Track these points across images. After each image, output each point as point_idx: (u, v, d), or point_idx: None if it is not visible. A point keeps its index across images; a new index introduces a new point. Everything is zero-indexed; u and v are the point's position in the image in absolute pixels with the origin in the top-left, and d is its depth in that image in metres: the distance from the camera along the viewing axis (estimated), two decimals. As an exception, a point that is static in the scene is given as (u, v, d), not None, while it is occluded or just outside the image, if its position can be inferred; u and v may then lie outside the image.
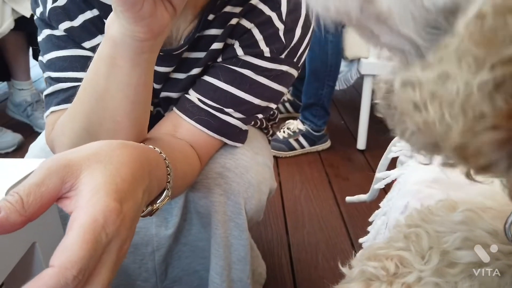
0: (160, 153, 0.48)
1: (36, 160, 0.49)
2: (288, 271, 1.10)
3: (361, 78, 1.75)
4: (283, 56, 0.64)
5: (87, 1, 0.61)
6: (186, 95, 0.64)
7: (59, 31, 0.61)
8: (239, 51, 0.63)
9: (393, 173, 0.64)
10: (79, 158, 0.35)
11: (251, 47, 0.62)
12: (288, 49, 0.63)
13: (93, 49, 0.60)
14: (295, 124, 1.79)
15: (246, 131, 0.69)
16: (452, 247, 0.34)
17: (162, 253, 0.71)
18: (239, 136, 0.67)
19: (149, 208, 0.45)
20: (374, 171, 0.85)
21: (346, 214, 1.33)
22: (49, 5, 0.60)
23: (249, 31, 0.62)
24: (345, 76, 1.88)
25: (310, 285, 1.06)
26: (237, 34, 0.63)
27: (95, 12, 0.61)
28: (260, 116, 0.69)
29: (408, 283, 0.34)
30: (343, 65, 1.86)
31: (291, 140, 1.75)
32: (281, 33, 0.62)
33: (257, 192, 0.67)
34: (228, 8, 0.62)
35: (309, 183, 1.54)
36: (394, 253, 0.36)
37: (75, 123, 0.56)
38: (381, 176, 0.68)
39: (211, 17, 0.63)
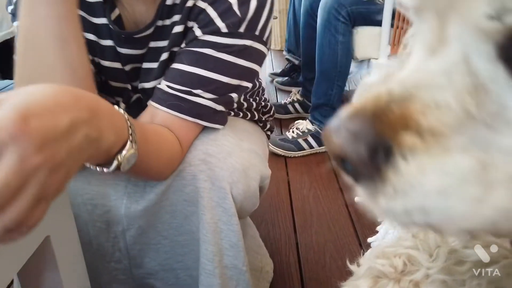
0: (119, 109, 0.50)
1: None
2: (296, 270, 1.11)
3: (371, 78, 1.75)
4: (241, 30, 0.64)
5: None
6: (158, 85, 0.65)
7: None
8: (198, 32, 0.64)
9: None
10: (6, 95, 0.35)
11: (208, 26, 0.63)
12: (246, 22, 0.63)
13: None
14: (304, 124, 1.79)
15: (223, 112, 0.69)
16: (460, 246, 0.34)
17: (132, 234, 0.70)
18: (215, 117, 0.67)
19: (115, 162, 0.47)
20: None
21: (354, 215, 1.33)
22: None
23: (204, 10, 0.63)
24: (355, 77, 1.87)
25: (317, 285, 1.06)
26: (194, 16, 0.64)
27: None
28: (234, 95, 0.68)
29: (415, 281, 0.35)
30: (353, 66, 1.86)
31: (300, 140, 1.75)
32: (235, 7, 0.63)
33: (244, 177, 0.66)
34: None
35: (317, 183, 1.54)
36: (402, 251, 0.37)
37: (16, 77, 0.57)
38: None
39: (169, 1, 0.65)
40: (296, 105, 2.14)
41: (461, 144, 0.20)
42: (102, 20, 0.68)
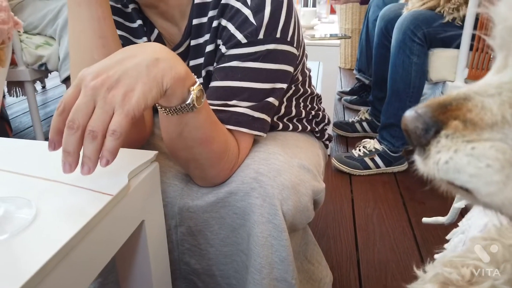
0: None
1: (150, 152, 0.59)
2: (356, 287, 1.11)
3: (445, 101, 1.70)
4: (261, 36, 0.67)
5: None
6: None
7: None
8: (223, 49, 0.69)
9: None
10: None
11: (230, 41, 0.68)
12: (263, 28, 0.66)
13: None
14: (372, 143, 1.78)
15: (263, 120, 0.71)
16: (529, 262, 0.35)
17: (183, 231, 0.74)
18: (254, 124, 0.70)
19: (191, 93, 0.55)
20: (453, 199, 0.82)
21: (420, 238, 1.30)
22: None
23: (225, 27, 0.68)
24: (428, 98, 1.83)
25: (377, 303, 1.06)
26: (220, 34, 0.70)
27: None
28: (271, 99, 0.71)
29: (482, 291, 0.36)
30: (427, 88, 1.82)
31: (367, 159, 1.75)
32: (250, 18, 0.66)
33: (294, 194, 0.68)
34: (210, 13, 0.70)
35: (382, 203, 1.52)
36: (470, 262, 0.39)
37: (71, 68, 0.66)
38: (461, 196, 0.67)
39: (195, 21, 0.71)
40: (364, 124, 2.13)
41: (491, 137, 0.26)
42: (144, 40, 0.77)
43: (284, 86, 0.73)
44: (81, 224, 0.43)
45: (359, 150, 1.79)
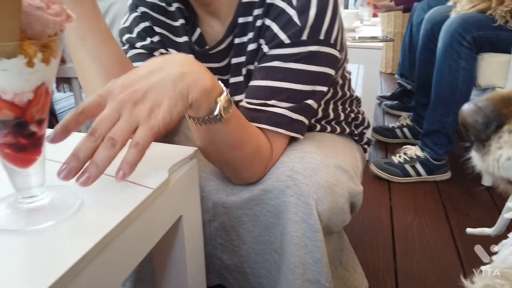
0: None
1: (190, 148, 0.59)
2: (393, 297, 1.07)
3: (494, 108, 1.62)
4: (304, 37, 0.66)
5: (142, 17, 0.79)
6: (240, 103, 0.71)
7: (123, 43, 0.81)
8: (265, 49, 0.68)
9: (527, 205, 0.59)
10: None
11: (273, 41, 0.67)
12: (307, 30, 0.65)
13: (143, 47, 0.78)
14: (413, 150, 1.73)
15: (301, 122, 0.70)
16: None
17: (216, 225, 0.74)
18: (292, 125, 0.69)
19: (218, 103, 0.54)
20: (500, 211, 0.77)
21: (462, 251, 1.24)
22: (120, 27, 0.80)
23: (269, 27, 0.68)
24: (475, 105, 1.75)
25: (415, 315, 1.02)
26: (263, 34, 0.69)
27: (147, 24, 0.79)
28: (310, 101, 0.69)
29: (538, 306, 0.34)
30: (474, 94, 1.74)
31: (407, 166, 1.69)
32: (295, 18, 0.66)
33: (330, 194, 0.66)
34: (256, 12, 0.70)
35: (423, 213, 1.47)
36: (525, 275, 0.36)
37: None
38: (513, 206, 0.63)
39: (241, 20, 0.71)
40: (405, 130, 2.07)
41: None
42: (184, 39, 0.79)
43: (325, 89, 0.72)
44: (122, 215, 0.44)
45: (399, 156, 1.73)
